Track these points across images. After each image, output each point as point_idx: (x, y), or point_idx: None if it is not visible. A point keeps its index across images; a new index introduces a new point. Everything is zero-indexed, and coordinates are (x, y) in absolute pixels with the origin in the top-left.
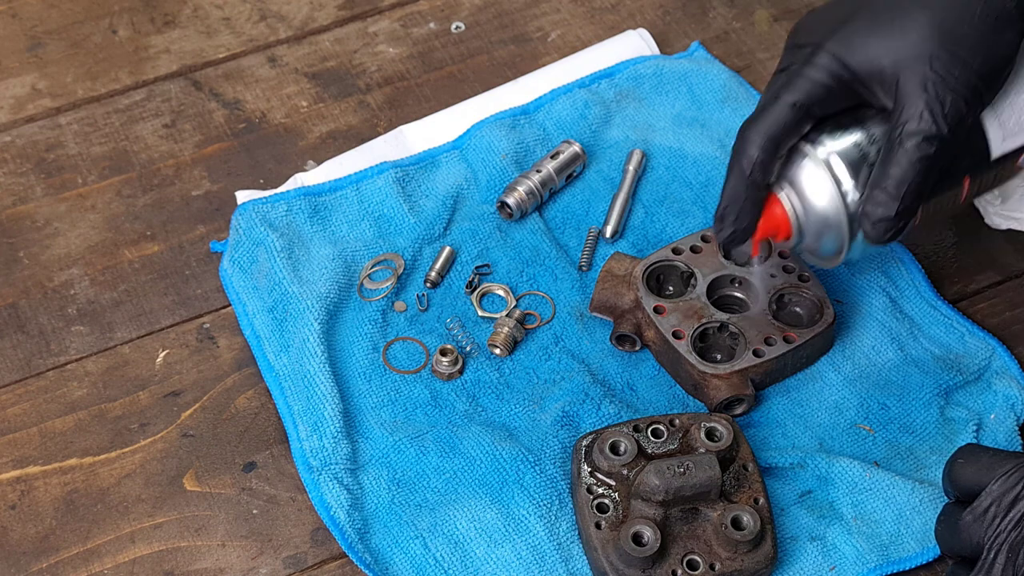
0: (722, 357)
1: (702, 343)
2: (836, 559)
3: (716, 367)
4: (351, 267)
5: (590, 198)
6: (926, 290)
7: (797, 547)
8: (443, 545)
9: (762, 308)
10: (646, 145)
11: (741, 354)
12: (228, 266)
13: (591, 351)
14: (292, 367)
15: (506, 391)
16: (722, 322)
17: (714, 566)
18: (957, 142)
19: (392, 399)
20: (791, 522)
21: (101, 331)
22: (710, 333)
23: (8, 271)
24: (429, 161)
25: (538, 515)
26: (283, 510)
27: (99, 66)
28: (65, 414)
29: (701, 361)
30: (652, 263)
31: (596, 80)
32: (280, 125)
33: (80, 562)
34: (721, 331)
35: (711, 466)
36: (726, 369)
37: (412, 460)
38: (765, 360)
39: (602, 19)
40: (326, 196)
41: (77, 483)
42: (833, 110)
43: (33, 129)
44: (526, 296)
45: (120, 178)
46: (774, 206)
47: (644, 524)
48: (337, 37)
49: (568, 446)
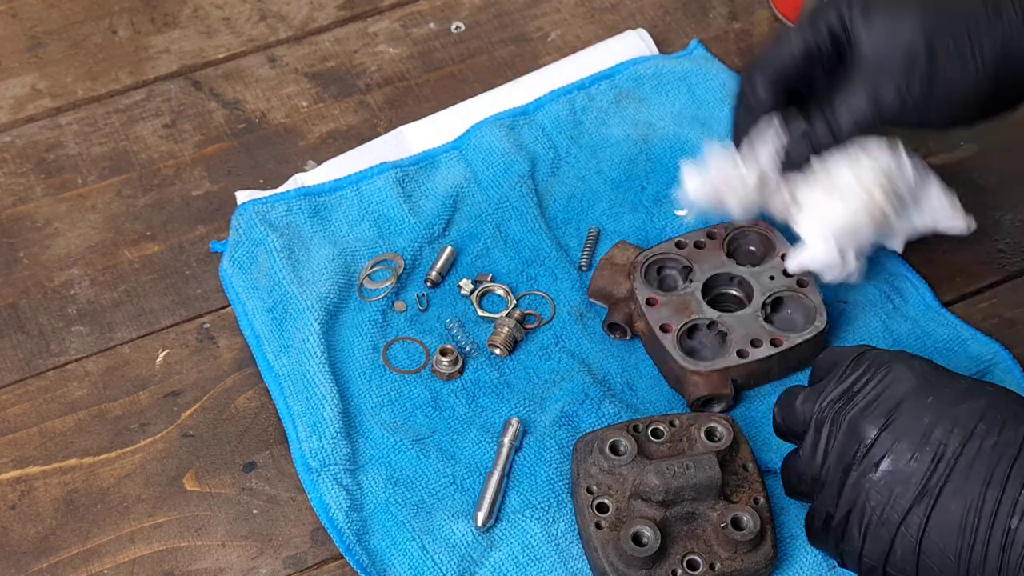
0: (710, 355)
1: (691, 339)
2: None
3: (697, 364)
4: (351, 267)
5: (590, 198)
6: (926, 292)
7: (797, 547)
8: (441, 547)
9: (754, 309)
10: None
11: (725, 353)
12: (228, 266)
13: (591, 351)
14: (292, 367)
15: (506, 391)
16: (711, 320)
17: (714, 566)
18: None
19: (392, 399)
20: (791, 522)
21: (101, 331)
22: (700, 330)
23: (8, 271)
24: (429, 161)
25: (535, 516)
26: (283, 510)
27: (99, 66)
28: (65, 414)
29: (684, 356)
30: (653, 255)
31: (596, 81)
32: (280, 125)
33: (80, 562)
34: (710, 328)
35: (711, 466)
36: (707, 367)
37: (411, 460)
38: (748, 362)
39: (602, 19)
40: (326, 196)
41: (77, 483)
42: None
43: (33, 129)
44: (526, 296)
45: (120, 178)
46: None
47: (644, 524)
48: (337, 37)
49: (567, 446)
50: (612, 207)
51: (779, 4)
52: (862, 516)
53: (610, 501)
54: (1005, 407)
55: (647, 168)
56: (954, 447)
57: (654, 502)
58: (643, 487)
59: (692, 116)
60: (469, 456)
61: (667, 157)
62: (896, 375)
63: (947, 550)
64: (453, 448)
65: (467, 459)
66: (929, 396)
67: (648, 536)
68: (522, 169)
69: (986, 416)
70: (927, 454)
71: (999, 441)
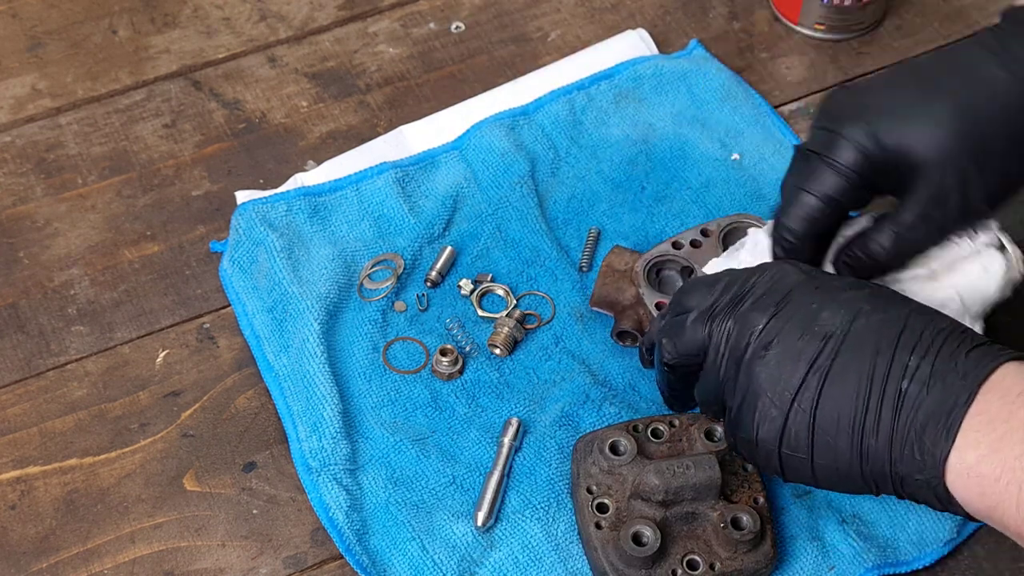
0: None
1: None
2: (835, 559)
3: None
4: (351, 267)
5: (590, 198)
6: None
7: (797, 547)
8: (441, 547)
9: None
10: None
11: None
12: (228, 266)
13: (591, 351)
14: (292, 367)
15: (506, 391)
16: None
17: (714, 566)
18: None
19: (392, 399)
20: (791, 522)
21: (101, 331)
22: None
23: (8, 271)
24: (429, 161)
25: (535, 516)
26: (283, 510)
27: (99, 66)
28: (65, 414)
29: None
30: (652, 258)
31: (596, 81)
32: (280, 125)
33: (80, 562)
34: None
35: (711, 466)
36: None
37: (411, 460)
38: None
39: (602, 19)
40: (326, 196)
41: (77, 483)
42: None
43: (33, 129)
44: (526, 296)
45: (120, 178)
46: None
47: (644, 524)
48: (337, 37)
49: (567, 446)
50: (612, 207)
51: (779, 4)
52: (756, 400)
53: (610, 501)
54: (888, 294)
55: (647, 168)
56: (842, 325)
57: (654, 502)
58: (643, 487)
59: (692, 116)
60: (469, 456)
61: (667, 157)
62: (783, 271)
63: (841, 420)
64: (453, 448)
65: (467, 459)
66: (815, 284)
67: (648, 536)
68: (522, 169)
69: (870, 300)
70: (816, 334)
71: (885, 317)
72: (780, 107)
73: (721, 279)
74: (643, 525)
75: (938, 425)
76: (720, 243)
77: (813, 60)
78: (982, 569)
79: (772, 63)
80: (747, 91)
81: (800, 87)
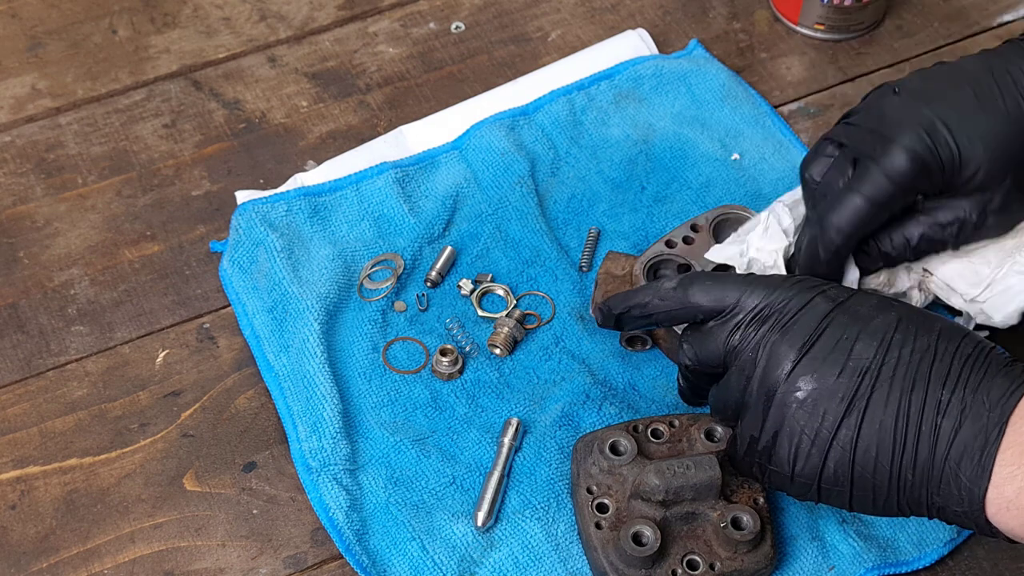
0: None
1: None
2: (835, 559)
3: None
4: (351, 267)
5: (590, 198)
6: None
7: (797, 547)
8: (441, 547)
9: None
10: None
11: None
12: (228, 266)
13: (591, 352)
14: (292, 367)
15: (506, 391)
16: None
17: (714, 566)
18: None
19: (392, 399)
20: (791, 522)
21: (101, 331)
22: None
23: (8, 271)
24: (429, 161)
25: (535, 516)
26: (283, 510)
27: (99, 66)
28: (65, 414)
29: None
30: (649, 259)
31: (595, 81)
32: (280, 125)
33: (80, 562)
34: None
35: (711, 466)
36: None
37: (411, 460)
38: None
39: (602, 19)
40: (326, 196)
41: (77, 483)
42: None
43: (33, 129)
44: (526, 296)
45: (120, 178)
46: None
47: (644, 524)
48: (337, 37)
49: (567, 446)
50: (612, 207)
51: (779, 4)
52: (791, 437)
53: (610, 501)
54: (915, 316)
55: (647, 168)
56: (876, 358)
57: (654, 502)
58: (643, 487)
59: (692, 116)
60: (469, 456)
61: (667, 157)
62: (811, 303)
63: (880, 457)
64: (453, 448)
65: (467, 459)
66: (844, 315)
67: (648, 536)
68: (522, 169)
69: (899, 327)
70: (850, 369)
71: (915, 348)
72: (780, 107)
73: (738, 283)
74: (643, 525)
75: (973, 462)
76: (711, 236)
77: (813, 60)
78: (982, 569)
79: (772, 63)
80: (747, 91)
81: (800, 87)
